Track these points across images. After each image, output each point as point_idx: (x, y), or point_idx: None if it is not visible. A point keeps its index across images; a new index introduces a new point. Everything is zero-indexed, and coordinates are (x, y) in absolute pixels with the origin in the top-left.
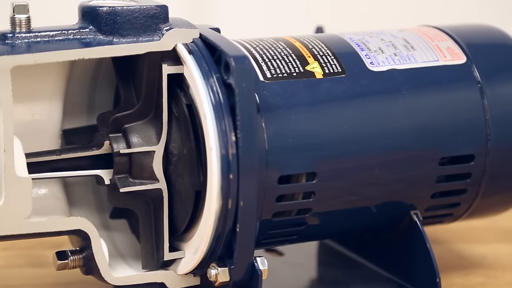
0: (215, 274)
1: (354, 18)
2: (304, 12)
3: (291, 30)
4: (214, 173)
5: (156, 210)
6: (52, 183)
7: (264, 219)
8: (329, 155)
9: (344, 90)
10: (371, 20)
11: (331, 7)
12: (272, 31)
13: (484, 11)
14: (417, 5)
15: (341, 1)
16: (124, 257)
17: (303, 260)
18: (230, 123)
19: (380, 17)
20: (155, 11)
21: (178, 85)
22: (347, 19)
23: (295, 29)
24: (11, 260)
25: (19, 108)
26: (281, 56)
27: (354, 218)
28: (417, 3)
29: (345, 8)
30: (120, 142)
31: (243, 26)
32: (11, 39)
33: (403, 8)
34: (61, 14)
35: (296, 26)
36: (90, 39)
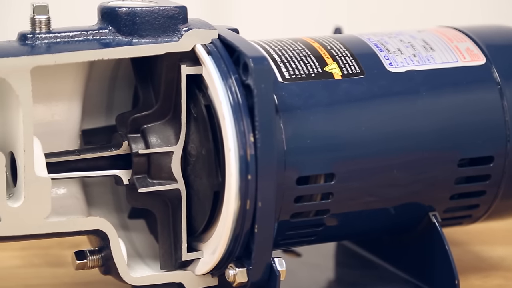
0: (233, 274)
1: (371, 19)
2: (322, 13)
3: (309, 31)
4: (232, 174)
5: (174, 211)
6: (71, 183)
7: (282, 220)
8: (347, 156)
9: (362, 91)
10: (388, 21)
11: (348, 8)
12: (290, 32)
13: (487, 11)
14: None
15: (358, 1)
16: (142, 257)
17: (320, 261)
18: (249, 124)
19: (396, 18)
20: (174, 11)
21: (197, 86)
22: (365, 20)
23: (313, 29)
24: (30, 260)
25: (39, 108)
26: (300, 57)
27: (372, 219)
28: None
29: (362, 9)
30: (138, 143)
31: (261, 26)
32: (31, 40)
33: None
34: (80, 15)
35: (314, 27)
36: (110, 39)
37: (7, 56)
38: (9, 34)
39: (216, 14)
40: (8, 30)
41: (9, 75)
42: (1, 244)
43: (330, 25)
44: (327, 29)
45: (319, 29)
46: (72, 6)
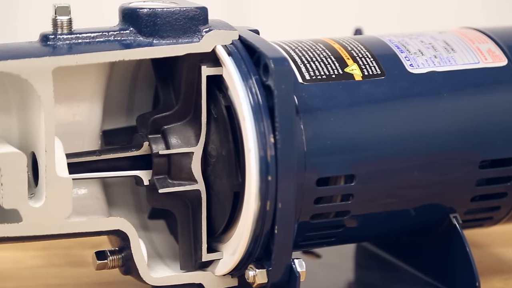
0: (253, 275)
1: (390, 20)
2: (341, 14)
3: (328, 32)
4: (252, 175)
5: (194, 211)
6: (91, 183)
7: (302, 221)
8: (368, 157)
9: (383, 92)
10: (407, 22)
11: (367, 9)
12: (309, 33)
13: (489, 12)
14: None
15: (378, 3)
16: (162, 257)
17: (340, 262)
18: (269, 125)
19: (416, 18)
20: (194, 12)
21: (217, 87)
22: (384, 21)
23: (332, 31)
24: (51, 260)
25: (60, 108)
26: (320, 58)
27: (393, 220)
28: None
29: (381, 10)
30: (159, 143)
31: (280, 27)
32: (53, 41)
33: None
34: (102, 15)
35: (333, 28)
36: (131, 40)
37: (29, 56)
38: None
39: (236, 15)
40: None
41: (31, 75)
42: (23, 244)
43: (350, 26)
44: (346, 30)
45: (338, 30)
46: (94, 6)
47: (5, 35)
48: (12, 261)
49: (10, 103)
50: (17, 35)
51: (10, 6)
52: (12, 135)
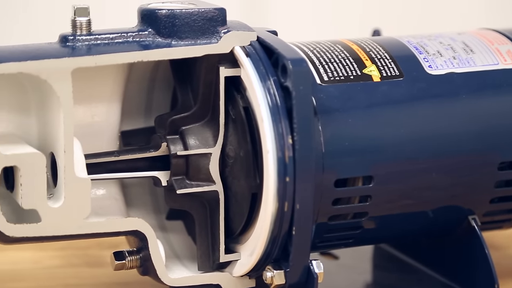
0: (271, 276)
1: (408, 21)
2: (358, 15)
3: (346, 33)
4: (270, 176)
5: (212, 212)
6: (110, 184)
7: (320, 222)
8: (386, 158)
9: (401, 94)
10: (425, 23)
11: (383, 10)
12: (326, 34)
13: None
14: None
15: (395, 4)
16: (180, 258)
17: (358, 264)
18: (287, 126)
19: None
20: (213, 14)
21: (235, 88)
22: (400, 22)
23: (350, 32)
24: (69, 260)
25: (79, 109)
26: (338, 59)
27: (411, 222)
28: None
29: (398, 12)
30: (177, 144)
31: (298, 28)
32: (72, 42)
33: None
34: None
35: (350, 29)
36: (149, 41)
37: (49, 57)
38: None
39: (253, 16)
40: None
41: (51, 76)
42: (41, 244)
43: (367, 27)
44: (364, 31)
45: (356, 31)
46: (112, 7)
47: (25, 36)
48: (31, 261)
49: (30, 104)
50: (37, 36)
51: (30, 7)
52: (32, 135)
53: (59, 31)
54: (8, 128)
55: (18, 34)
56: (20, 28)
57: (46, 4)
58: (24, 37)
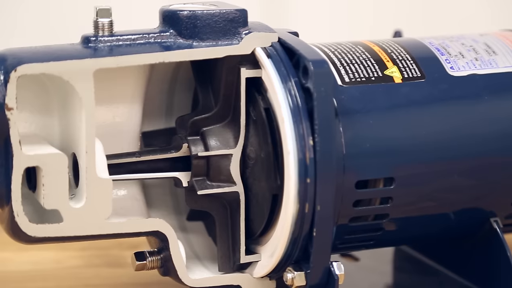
0: (291, 278)
1: (429, 22)
2: (379, 16)
3: (367, 34)
4: (291, 177)
5: (232, 213)
6: (131, 184)
7: (341, 224)
8: (407, 160)
9: (423, 95)
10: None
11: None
12: (348, 35)
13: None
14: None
15: (417, 6)
16: (201, 259)
17: (379, 265)
18: (308, 127)
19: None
20: (234, 15)
21: (256, 89)
22: (422, 24)
23: (371, 33)
24: (90, 260)
25: (101, 110)
26: (360, 60)
27: (432, 224)
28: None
29: (420, 13)
30: (198, 145)
31: (319, 30)
32: (94, 43)
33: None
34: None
35: (371, 30)
36: (171, 42)
37: (71, 58)
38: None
39: (274, 17)
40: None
41: (73, 77)
42: (62, 244)
43: (388, 28)
44: (384, 32)
45: (376, 32)
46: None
47: (46, 36)
48: (52, 261)
49: (52, 105)
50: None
51: (52, 8)
52: (54, 136)
53: (82, 32)
54: (30, 129)
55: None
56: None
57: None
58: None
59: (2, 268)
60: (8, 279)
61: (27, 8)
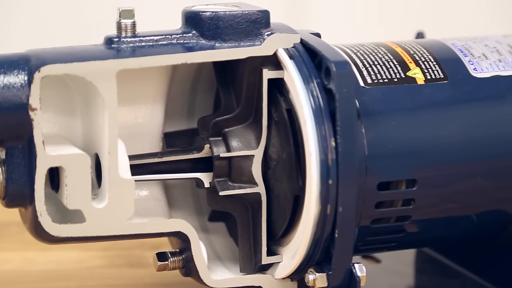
0: (313, 279)
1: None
2: (400, 17)
3: (389, 35)
4: (313, 178)
5: (254, 214)
6: (153, 185)
7: (363, 226)
8: (430, 162)
9: (446, 97)
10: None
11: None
12: (370, 36)
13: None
14: None
15: (441, 7)
16: (222, 260)
17: (400, 267)
18: (330, 129)
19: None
20: (256, 16)
21: (278, 90)
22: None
23: (393, 34)
24: (112, 260)
25: (123, 111)
26: (382, 62)
27: (454, 226)
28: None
29: (444, 14)
30: (220, 146)
31: (341, 31)
32: (117, 44)
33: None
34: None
35: (393, 32)
36: (193, 43)
37: (94, 59)
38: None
39: (295, 18)
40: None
41: (96, 78)
42: (85, 244)
43: (411, 29)
44: (407, 33)
45: (398, 33)
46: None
47: (72, 37)
48: (74, 261)
49: (75, 105)
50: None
51: (80, 9)
52: (76, 136)
53: (105, 32)
54: (53, 129)
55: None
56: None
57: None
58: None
59: (25, 267)
60: (31, 279)
61: (22, 9)
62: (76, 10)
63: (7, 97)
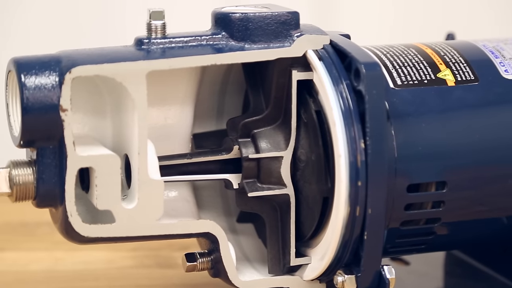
0: (342, 281)
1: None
2: (431, 18)
3: (419, 36)
4: (342, 180)
5: (283, 215)
6: (182, 186)
7: (392, 228)
8: (460, 164)
9: (476, 98)
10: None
11: (463, 13)
12: (400, 38)
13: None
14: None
15: (472, 9)
16: (251, 261)
17: (429, 270)
18: (359, 130)
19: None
20: (286, 17)
21: (307, 91)
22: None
23: (423, 35)
24: (141, 261)
25: (153, 112)
26: (412, 63)
27: (484, 229)
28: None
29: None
30: (249, 147)
31: (370, 32)
32: (147, 45)
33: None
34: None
35: (423, 33)
36: (223, 45)
37: (124, 60)
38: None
39: (324, 19)
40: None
41: (126, 79)
42: (114, 244)
43: (441, 30)
44: (436, 34)
45: (428, 35)
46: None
47: (102, 38)
48: (104, 261)
49: (105, 106)
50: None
51: (107, 10)
52: (106, 137)
53: (135, 33)
54: (84, 130)
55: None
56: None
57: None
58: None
59: (55, 267)
60: (60, 279)
61: (24, 10)
62: (73, 13)
63: (38, 98)
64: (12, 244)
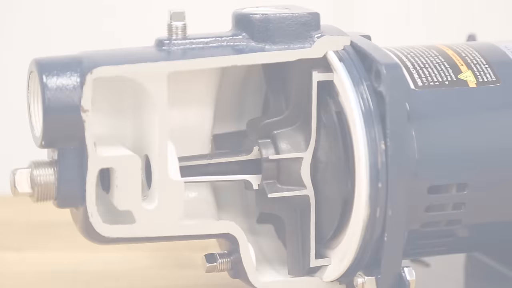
0: (362, 282)
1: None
2: (451, 20)
3: (439, 38)
4: (362, 181)
5: (303, 217)
6: (202, 187)
7: (412, 229)
8: (481, 166)
9: (498, 100)
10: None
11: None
12: (421, 39)
13: None
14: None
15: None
16: (270, 262)
17: (450, 272)
18: (380, 131)
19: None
20: (307, 18)
21: (328, 92)
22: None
23: (443, 37)
24: (161, 261)
25: (173, 112)
26: (433, 64)
27: (506, 230)
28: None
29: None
30: (269, 148)
31: (392, 33)
32: (168, 46)
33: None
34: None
35: (444, 34)
36: (243, 46)
37: (145, 61)
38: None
39: (346, 20)
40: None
41: (146, 80)
42: (134, 244)
43: (461, 32)
44: (458, 35)
45: (449, 36)
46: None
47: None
48: (124, 262)
49: (126, 107)
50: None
51: (128, 11)
52: (127, 138)
53: (155, 35)
54: (104, 130)
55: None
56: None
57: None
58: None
59: (75, 268)
60: (80, 279)
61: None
62: (94, 14)
63: (60, 99)
64: (33, 244)
